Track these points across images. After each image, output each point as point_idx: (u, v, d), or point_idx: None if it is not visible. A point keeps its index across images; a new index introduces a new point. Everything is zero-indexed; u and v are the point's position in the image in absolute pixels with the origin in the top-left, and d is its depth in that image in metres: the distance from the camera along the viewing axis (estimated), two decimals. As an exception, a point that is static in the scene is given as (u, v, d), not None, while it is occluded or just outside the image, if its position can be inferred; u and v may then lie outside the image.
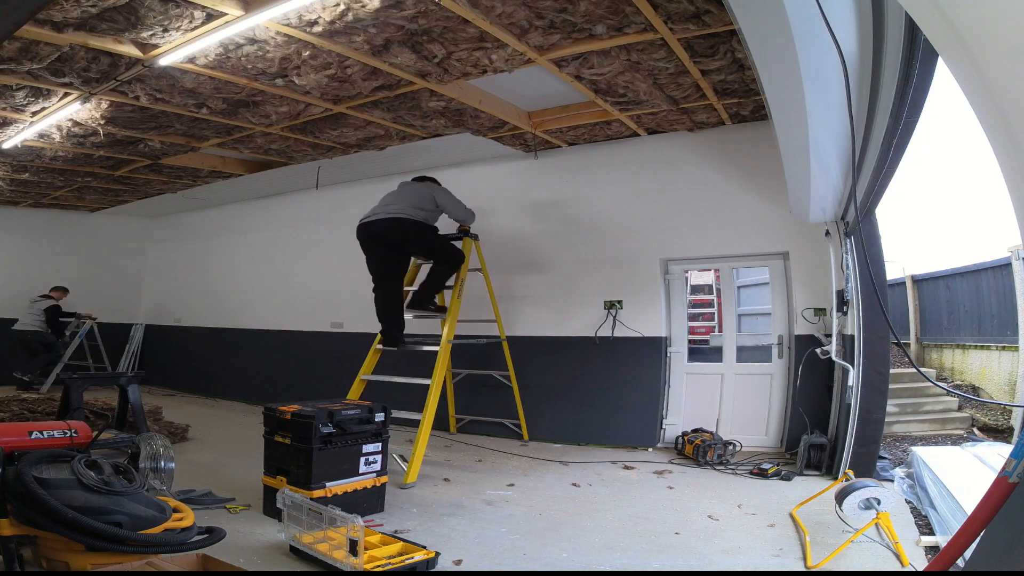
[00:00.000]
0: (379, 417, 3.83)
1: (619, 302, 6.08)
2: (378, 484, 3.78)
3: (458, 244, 5.64)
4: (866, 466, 4.35)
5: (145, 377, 4.64)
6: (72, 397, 3.99)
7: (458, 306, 5.32)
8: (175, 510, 2.58)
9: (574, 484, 4.53)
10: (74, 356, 9.19)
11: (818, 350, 4.88)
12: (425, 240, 5.15)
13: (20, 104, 4.98)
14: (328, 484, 3.51)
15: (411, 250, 5.37)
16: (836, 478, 4.23)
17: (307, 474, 3.45)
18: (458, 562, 3.01)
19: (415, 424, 4.70)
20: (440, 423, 6.40)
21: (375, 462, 3.75)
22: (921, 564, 2.94)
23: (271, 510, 3.47)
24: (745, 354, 6.20)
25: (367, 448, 3.73)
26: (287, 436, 3.62)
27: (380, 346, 5.35)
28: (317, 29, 3.76)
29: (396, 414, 4.52)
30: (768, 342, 5.76)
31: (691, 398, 5.93)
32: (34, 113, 5.21)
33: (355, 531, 2.70)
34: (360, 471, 3.69)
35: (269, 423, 3.78)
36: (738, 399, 5.76)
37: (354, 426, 3.66)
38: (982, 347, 7.22)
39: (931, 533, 3.42)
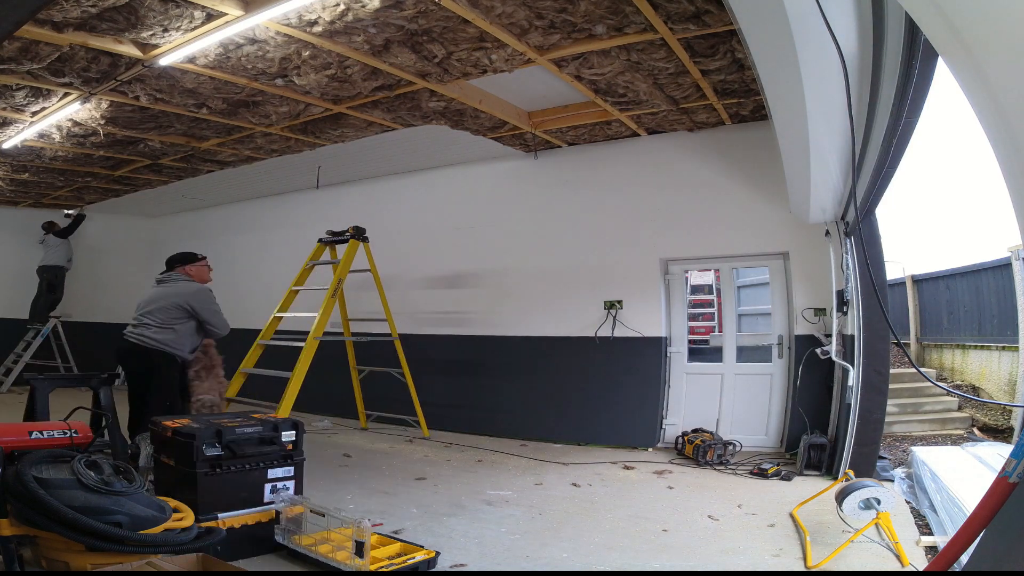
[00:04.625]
0: (287, 436, 3.22)
1: (619, 302, 6.08)
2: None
3: (342, 247, 5.93)
4: (866, 466, 4.35)
5: (116, 378, 4.22)
6: (38, 399, 3.68)
7: (331, 305, 5.54)
8: (175, 510, 2.58)
9: (574, 484, 4.53)
10: (38, 355, 8.90)
11: (818, 350, 4.88)
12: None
13: (20, 104, 4.97)
14: (221, 515, 2.93)
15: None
16: (836, 478, 4.23)
17: (193, 503, 2.83)
18: (460, 565, 3.00)
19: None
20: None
21: (287, 488, 3.18)
22: (921, 564, 2.94)
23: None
24: (745, 354, 6.20)
25: (273, 473, 3.15)
26: (171, 457, 3.06)
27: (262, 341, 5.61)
28: (317, 29, 3.76)
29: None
30: (768, 342, 5.75)
31: (691, 398, 5.93)
32: (34, 113, 5.21)
33: (361, 533, 2.70)
34: (266, 500, 3.11)
35: (155, 440, 3.26)
36: (738, 399, 5.76)
37: (249, 448, 3.06)
38: (982, 347, 7.22)
39: (931, 533, 3.42)
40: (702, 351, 9.41)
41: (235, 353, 5.68)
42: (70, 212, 9.18)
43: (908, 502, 3.99)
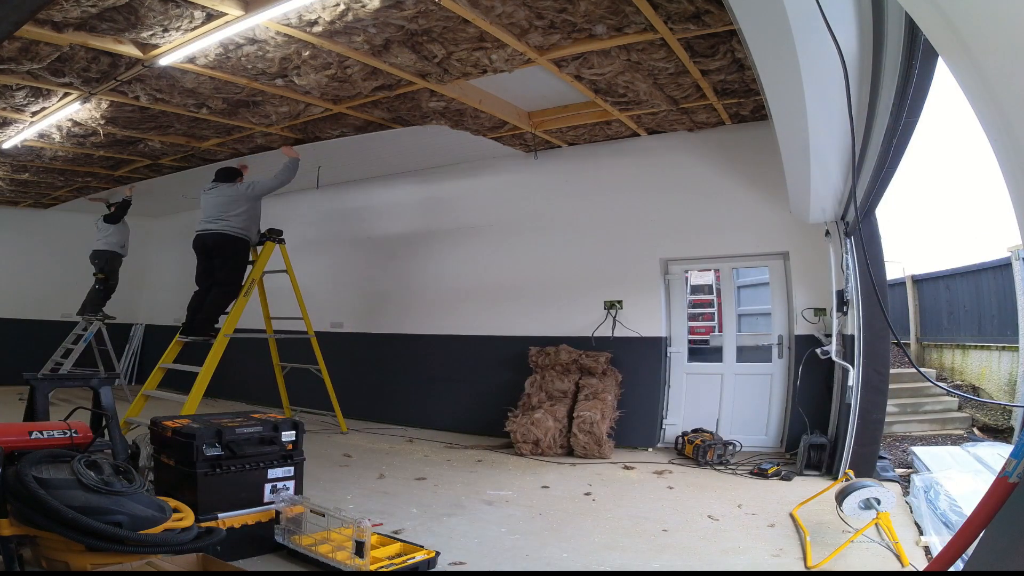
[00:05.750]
0: (287, 436, 3.23)
1: (619, 302, 6.08)
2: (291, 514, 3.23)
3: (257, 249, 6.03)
4: (866, 466, 4.35)
5: (117, 378, 4.25)
6: (38, 400, 3.56)
7: (243, 304, 5.62)
8: (175, 510, 2.58)
9: (574, 484, 4.53)
10: (82, 362, 8.41)
11: (818, 350, 4.88)
12: (234, 259, 5.60)
13: (20, 104, 4.97)
14: (221, 515, 2.94)
15: (222, 264, 5.58)
16: (836, 478, 4.23)
17: (193, 503, 2.86)
18: (459, 564, 3.00)
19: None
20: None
21: (286, 488, 3.19)
22: (921, 564, 2.94)
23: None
24: (745, 354, 6.20)
25: (273, 473, 3.15)
26: (171, 457, 3.09)
27: (182, 337, 5.63)
28: (317, 29, 3.76)
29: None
30: (768, 342, 5.75)
31: (691, 398, 5.93)
32: (34, 113, 5.21)
33: (361, 533, 2.70)
34: (265, 500, 3.12)
35: (155, 440, 3.29)
36: (738, 399, 5.76)
37: (248, 448, 3.09)
38: (982, 347, 7.21)
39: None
40: (702, 351, 9.41)
41: (231, 355, 5.70)
42: (113, 204, 8.35)
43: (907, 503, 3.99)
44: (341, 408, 6.64)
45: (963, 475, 3.98)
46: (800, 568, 2.96)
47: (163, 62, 4.10)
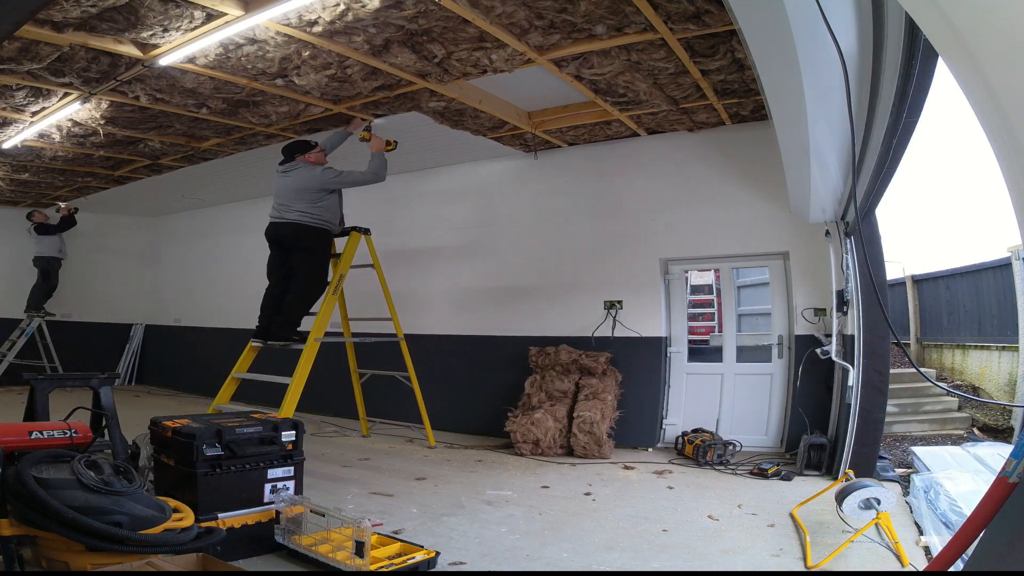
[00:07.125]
0: (287, 436, 3.26)
1: (619, 302, 6.08)
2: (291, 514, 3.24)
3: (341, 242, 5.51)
4: (866, 466, 4.35)
5: (117, 378, 4.14)
6: (38, 400, 3.60)
7: (333, 303, 5.18)
8: (175, 510, 2.58)
9: (574, 484, 4.53)
10: (25, 354, 8.88)
11: (818, 350, 4.88)
12: (317, 253, 5.00)
13: (20, 104, 4.97)
14: (221, 515, 2.96)
15: (298, 257, 4.98)
16: (836, 478, 4.23)
17: (193, 503, 2.86)
18: (459, 564, 3.01)
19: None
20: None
21: (286, 488, 3.21)
22: (921, 564, 2.94)
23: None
24: (745, 354, 6.20)
25: (274, 473, 3.18)
26: (171, 457, 3.11)
27: (256, 342, 5.05)
28: (317, 29, 3.77)
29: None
30: (768, 342, 5.76)
31: (691, 398, 5.93)
32: (34, 113, 5.21)
33: (361, 533, 2.70)
34: (265, 500, 3.14)
35: (155, 440, 3.32)
36: (738, 399, 5.76)
37: (249, 448, 3.10)
38: (982, 347, 7.22)
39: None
40: (702, 351, 9.42)
41: (231, 355, 5.52)
42: (60, 208, 8.90)
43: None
44: (340, 409, 6.63)
45: (963, 475, 3.98)
46: (800, 568, 2.96)
47: (163, 62, 4.10)
